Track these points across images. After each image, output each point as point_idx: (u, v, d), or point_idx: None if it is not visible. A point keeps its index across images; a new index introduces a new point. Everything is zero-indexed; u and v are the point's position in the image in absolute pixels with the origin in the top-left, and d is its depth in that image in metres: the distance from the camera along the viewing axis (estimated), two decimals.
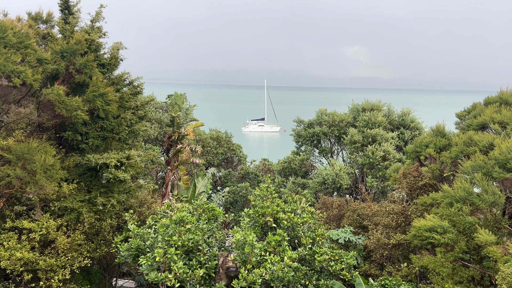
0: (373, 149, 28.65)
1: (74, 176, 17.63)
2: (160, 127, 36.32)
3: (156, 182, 34.50)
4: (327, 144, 35.27)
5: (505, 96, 19.09)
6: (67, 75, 17.11)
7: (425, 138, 20.31)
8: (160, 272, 13.65)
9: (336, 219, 24.05)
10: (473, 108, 20.09)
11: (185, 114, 27.34)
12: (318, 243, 16.02)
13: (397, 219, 20.36)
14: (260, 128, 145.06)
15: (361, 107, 32.82)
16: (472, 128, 18.51)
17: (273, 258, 13.53)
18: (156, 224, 15.86)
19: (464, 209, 15.42)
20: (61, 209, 17.01)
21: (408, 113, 32.55)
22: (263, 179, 36.10)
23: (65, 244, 16.58)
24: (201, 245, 14.38)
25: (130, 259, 15.11)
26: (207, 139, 38.63)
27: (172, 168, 26.44)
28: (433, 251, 16.71)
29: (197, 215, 16.46)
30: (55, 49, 16.52)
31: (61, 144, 17.98)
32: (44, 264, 16.05)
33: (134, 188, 19.63)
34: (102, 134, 18.04)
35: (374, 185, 28.31)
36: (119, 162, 17.19)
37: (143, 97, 32.52)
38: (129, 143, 20.35)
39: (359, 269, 20.27)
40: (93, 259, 19.90)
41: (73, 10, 18.57)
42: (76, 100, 16.15)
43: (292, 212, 16.32)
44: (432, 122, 22.40)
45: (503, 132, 17.36)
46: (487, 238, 14.40)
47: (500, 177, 15.17)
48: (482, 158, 15.82)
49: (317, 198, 29.06)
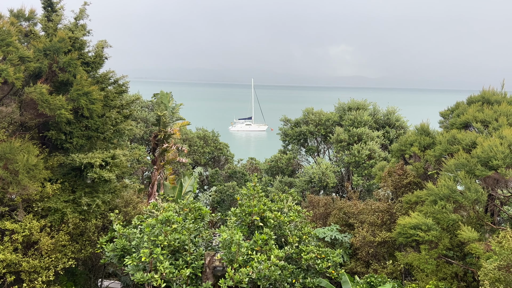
0: (359, 148, 28.90)
1: (58, 176, 17.36)
2: (146, 126, 36.03)
3: (142, 181, 34.22)
4: (313, 143, 35.48)
5: (487, 95, 19.43)
6: (50, 74, 16.83)
7: (409, 136, 20.55)
8: (146, 272, 13.56)
9: (322, 217, 24.20)
10: (457, 107, 20.40)
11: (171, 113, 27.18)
12: (304, 242, 16.09)
13: (382, 217, 20.57)
14: (248, 127, 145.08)
15: (347, 106, 33.07)
16: (456, 126, 18.80)
17: (260, 257, 13.54)
18: (142, 224, 15.74)
19: (447, 206, 15.66)
20: (45, 209, 16.74)
21: (393, 112, 32.91)
22: (250, 178, 36.13)
23: (49, 245, 16.33)
24: (188, 244, 14.33)
25: (116, 259, 14.97)
26: (194, 138, 38.47)
27: (158, 168, 26.26)
28: (418, 248, 16.94)
29: (183, 214, 16.38)
30: (38, 47, 16.23)
31: (45, 144, 17.69)
32: (28, 265, 15.78)
33: (120, 188, 19.43)
34: (87, 133, 17.80)
35: (360, 184, 28.57)
36: (104, 161, 16.99)
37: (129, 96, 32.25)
38: (114, 143, 20.13)
39: (345, 267, 20.44)
40: (78, 260, 19.65)
41: (56, 7, 18.26)
42: (60, 99, 15.90)
43: (279, 211, 16.36)
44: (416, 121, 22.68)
45: (485, 130, 17.67)
46: (469, 235, 14.64)
47: (483, 174, 15.44)
48: (465, 156, 16.08)
49: (304, 197, 29.20)
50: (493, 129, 17.14)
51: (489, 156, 15.36)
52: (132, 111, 20.94)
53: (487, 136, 16.76)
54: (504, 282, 12.64)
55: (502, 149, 15.23)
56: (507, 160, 15.07)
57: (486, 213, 17.33)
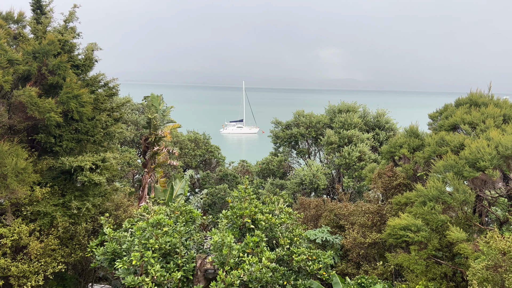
0: (349, 150, 29.10)
1: (47, 180, 17.21)
2: (136, 129, 35.87)
3: (132, 184, 34.02)
4: (304, 145, 35.63)
5: (474, 98, 19.73)
6: (39, 76, 16.71)
7: (399, 138, 20.76)
8: (137, 276, 13.49)
9: (313, 219, 24.30)
10: (445, 109, 20.68)
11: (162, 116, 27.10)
12: (296, 244, 16.13)
13: (372, 218, 20.73)
14: (239, 130, 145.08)
15: (337, 109, 33.30)
16: (444, 128, 19.05)
17: (251, 259, 13.56)
18: (132, 228, 15.66)
19: (436, 207, 15.84)
20: (34, 213, 16.57)
21: (383, 114, 33.21)
22: (241, 180, 36.13)
23: (38, 249, 16.17)
24: (179, 247, 14.29)
25: (106, 263, 14.86)
26: (185, 141, 38.38)
27: (149, 171, 26.15)
28: (408, 249, 17.09)
29: (174, 217, 16.33)
30: (27, 49, 16.11)
31: (34, 147, 17.53)
32: (16, 270, 15.60)
33: (110, 191, 19.31)
34: (77, 137, 17.68)
35: (350, 185, 28.75)
36: (94, 164, 16.89)
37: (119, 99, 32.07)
38: (105, 146, 20.02)
39: (336, 268, 20.53)
40: (68, 264, 19.47)
41: (46, 10, 18.14)
42: (49, 102, 15.79)
43: (270, 213, 16.39)
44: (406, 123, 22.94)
45: (473, 132, 17.94)
46: (458, 236, 14.82)
47: (470, 176, 15.65)
48: (453, 158, 16.29)
49: (295, 199, 29.29)
50: (481, 131, 17.40)
51: (477, 157, 15.59)
52: (123, 114, 20.86)
53: (475, 138, 17.01)
54: (492, 281, 12.82)
55: (489, 151, 15.47)
56: (494, 162, 15.31)
57: (474, 214, 17.56)
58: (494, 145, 15.64)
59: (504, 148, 15.28)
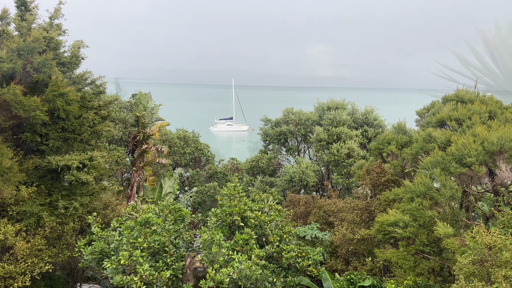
0: (338, 147, 29.23)
1: (33, 179, 16.96)
2: (124, 127, 35.52)
3: (121, 183, 33.73)
4: (294, 143, 35.68)
5: (461, 95, 19.97)
6: (24, 74, 16.43)
7: (387, 135, 20.92)
8: (126, 275, 13.39)
9: (303, 216, 24.38)
10: (432, 106, 20.90)
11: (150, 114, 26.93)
12: (285, 241, 16.18)
13: (361, 215, 20.87)
14: (229, 128, 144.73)
15: (326, 106, 33.39)
16: (431, 125, 19.24)
17: (241, 257, 13.55)
18: (121, 227, 15.54)
19: (424, 203, 16.01)
20: (20, 213, 16.33)
21: (371, 111, 33.40)
22: (231, 178, 36.07)
23: (25, 249, 15.94)
24: (168, 246, 14.22)
25: (94, 263, 14.72)
26: (174, 139, 38.15)
27: (137, 169, 25.96)
28: (396, 245, 17.26)
29: (163, 216, 16.25)
30: (11, 47, 15.82)
31: (19, 146, 17.25)
32: (2, 271, 15.37)
33: (98, 190, 19.11)
34: (63, 135, 17.46)
35: (339, 182, 28.90)
36: (82, 163, 16.69)
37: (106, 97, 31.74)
38: (92, 144, 19.79)
39: (326, 265, 20.65)
40: (56, 264, 19.25)
41: (30, 6, 17.85)
42: (35, 100, 15.54)
43: (259, 211, 16.41)
44: (394, 119, 23.10)
45: (459, 128, 18.15)
46: (445, 231, 14.99)
47: (457, 172, 15.84)
48: (440, 154, 16.47)
49: (285, 196, 29.35)
50: (467, 127, 17.62)
51: (463, 153, 15.78)
52: (110, 112, 20.64)
53: (461, 134, 17.22)
54: (478, 275, 12.99)
55: (475, 147, 15.67)
56: (480, 158, 15.51)
57: (461, 209, 17.79)
58: (480, 141, 15.84)
59: (489, 144, 15.48)
